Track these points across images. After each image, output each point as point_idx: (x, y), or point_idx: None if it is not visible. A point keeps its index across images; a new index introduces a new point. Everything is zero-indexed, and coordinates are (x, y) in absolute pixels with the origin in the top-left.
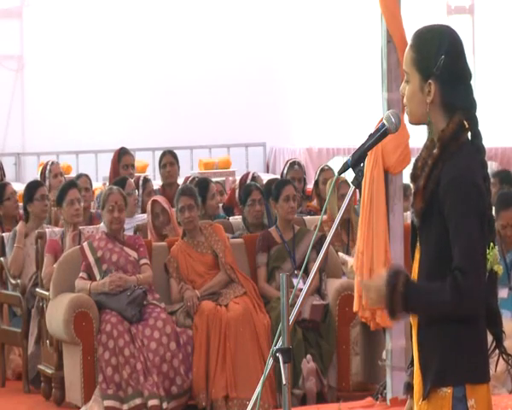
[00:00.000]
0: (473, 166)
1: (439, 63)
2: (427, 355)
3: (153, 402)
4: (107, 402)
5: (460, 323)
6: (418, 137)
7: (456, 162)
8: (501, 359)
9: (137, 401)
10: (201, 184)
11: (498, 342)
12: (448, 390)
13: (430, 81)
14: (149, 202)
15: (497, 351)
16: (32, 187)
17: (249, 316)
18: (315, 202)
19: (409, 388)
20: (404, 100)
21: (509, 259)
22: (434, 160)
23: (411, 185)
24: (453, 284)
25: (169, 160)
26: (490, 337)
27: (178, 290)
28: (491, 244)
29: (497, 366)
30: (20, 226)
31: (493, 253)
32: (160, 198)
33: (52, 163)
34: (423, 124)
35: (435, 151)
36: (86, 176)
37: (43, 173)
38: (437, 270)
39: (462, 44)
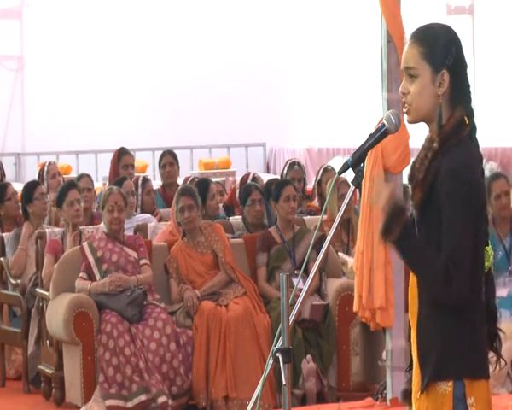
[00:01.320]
0: (472, 161)
1: (451, 53)
2: (426, 350)
3: (162, 399)
4: (110, 402)
5: (459, 319)
6: (418, 137)
7: (455, 156)
8: (501, 359)
9: (142, 397)
10: (201, 185)
11: (493, 340)
12: (448, 388)
13: (444, 71)
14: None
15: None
16: (31, 187)
17: (249, 316)
18: (316, 202)
19: (406, 395)
20: (408, 98)
21: (508, 244)
22: (434, 153)
23: (409, 186)
24: (445, 272)
25: (169, 160)
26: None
27: (178, 291)
28: (489, 243)
29: (497, 365)
30: (25, 228)
31: (490, 252)
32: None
33: (49, 164)
34: (425, 121)
35: (435, 145)
36: (88, 176)
37: (41, 174)
38: None
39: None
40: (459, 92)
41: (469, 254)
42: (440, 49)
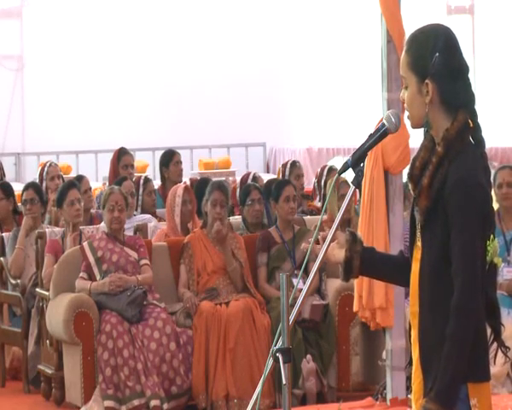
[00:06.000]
0: (478, 167)
1: (433, 61)
2: (429, 355)
3: (154, 403)
4: (107, 403)
5: None
6: (418, 137)
7: (463, 162)
8: (499, 358)
9: (135, 402)
10: (201, 185)
11: (497, 335)
12: None
13: (427, 81)
14: (180, 187)
15: (495, 344)
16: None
17: (249, 313)
18: (318, 202)
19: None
20: (405, 105)
21: (509, 237)
22: (439, 158)
23: (409, 185)
24: (456, 310)
25: (179, 158)
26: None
27: (186, 280)
28: (492, 236)
29: (495, 359)
30: (22, 227)
31: (493, 245)
32: (189, 187)
33: (50, 165)
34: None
35: (439, 149)
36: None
37: (41, 174)
38: (439, 269)
39: (456, 40)
40: (452, 98)
41: (478, 270)
42: (423, 58)
